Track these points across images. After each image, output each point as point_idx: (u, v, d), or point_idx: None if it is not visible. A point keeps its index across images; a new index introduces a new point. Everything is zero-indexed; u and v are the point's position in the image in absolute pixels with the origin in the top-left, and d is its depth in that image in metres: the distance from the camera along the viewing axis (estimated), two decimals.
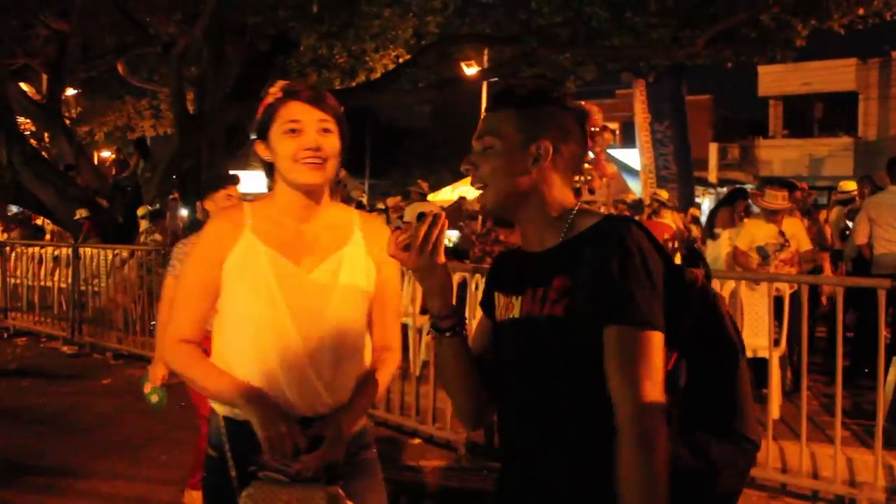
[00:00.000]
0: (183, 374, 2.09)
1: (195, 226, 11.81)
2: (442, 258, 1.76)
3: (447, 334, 1.81)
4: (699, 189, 27.71)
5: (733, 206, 9.59)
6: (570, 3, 14.18)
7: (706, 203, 30.40)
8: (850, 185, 10.36)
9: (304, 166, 2.01)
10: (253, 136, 2.13)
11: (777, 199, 6.95)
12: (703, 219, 14.07)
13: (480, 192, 1.79)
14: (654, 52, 14.43)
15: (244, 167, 25.72)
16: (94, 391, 7.62)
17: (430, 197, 14.06)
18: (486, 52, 18.17)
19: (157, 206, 12.72)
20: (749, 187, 15.92)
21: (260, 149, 2.10)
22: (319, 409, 2.05)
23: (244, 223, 2.07)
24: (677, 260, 7.79)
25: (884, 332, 4.72)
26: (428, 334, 1.93)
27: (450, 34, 16.09)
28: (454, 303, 1.83)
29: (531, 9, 14.68)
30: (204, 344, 2.11)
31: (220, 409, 2.09)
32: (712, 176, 31.41)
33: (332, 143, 2.05)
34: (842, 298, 4.76)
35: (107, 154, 21.95)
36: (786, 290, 5.81)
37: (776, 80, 30.14)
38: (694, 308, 1.65)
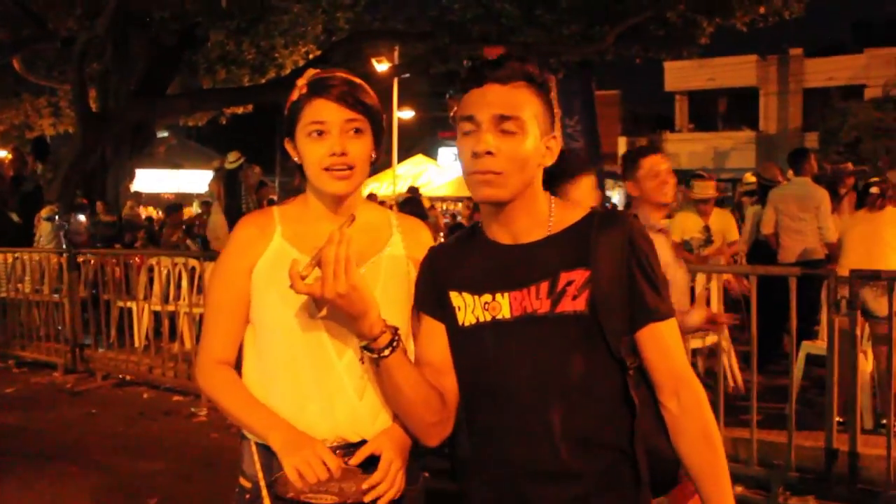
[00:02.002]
0: (213, 400, 1.92)
1: (98, 228, 11.43)
2: (356, 277, 1.61)
3: (387, 352, 1.65)
4: (609, 182, 28.24)
5: None
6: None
7: (616, 196, 31.08)
8: (751, 178, 10.71)
9: (329, 174, 1.81)
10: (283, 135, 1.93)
11: (708, 189, 7.09)
12: None
13: (486, 180, 1.61)
14: (565, 48, 14.64)
15: (150, 166, 25.12)
16: None
17: None
18: (397, 48, 18.14)
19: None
20: None
21: (288, 148, 1.91)
22: (363, 431, 1.83)
23: (273, 227, 1.90)
24: None
25: (794, 319, 4.85)
26: (361, 361, 1.76)
27: (361, 30, 16.00)
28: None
29: (442, 4, 14.75)
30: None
31: (251, 435, 1.88)
32: (622, 169, 32.10)
33: (362, 147, 1.84)
34: (755, 287, 4.88)
35: (2, 154, 21.05)
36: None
37: (682, 75, 31.01)
38: None
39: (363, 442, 1.83)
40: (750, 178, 10.84)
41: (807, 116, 30.71)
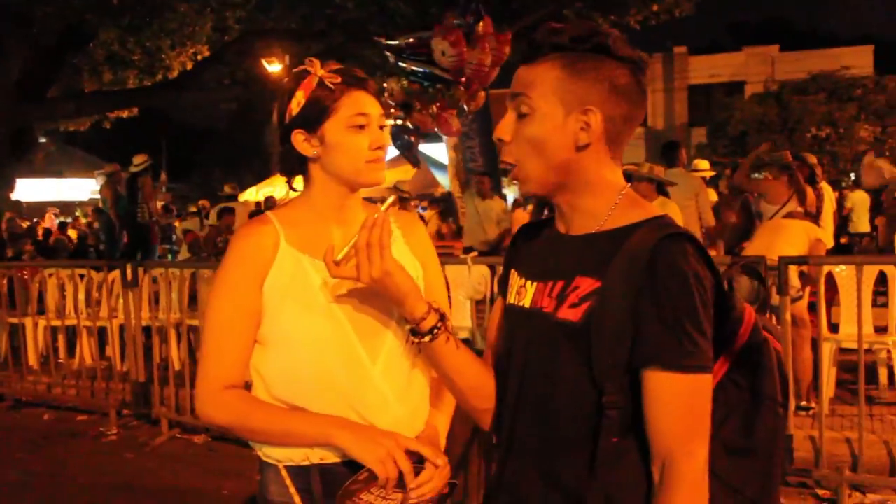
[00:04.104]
0: (239, 427, 1.73)
1: None
2: (390, 261, 1.53)
3: (427, 338, 1.54)
4: (504, 180, 28.49)
5: None
6: None
7: (511, 193, 31.38)
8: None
9: (371, 165, 1.76)
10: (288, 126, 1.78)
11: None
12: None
13: (513, 169, 1.47)
14: None
15: (29, 174, 23.87)
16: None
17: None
18: (290, 48, 17.76)
19: None
20: None
21: (298, 140, 1.76)
22: (405, 435, 1.74)
23: (276, 234, 1.76)
24: None
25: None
26: (408, 342, 1.69)
27: (254, 29, 15.58)
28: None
29: (336, 3, 14.50)
30: None
31: (280, 458, 1.74)
32: None
33: (387, 141, 1.83)
34: None
35: None
36: None
37: None
38: (735, 346, 1.43)
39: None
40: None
41: (692, 112, 31.90)
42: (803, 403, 5.39)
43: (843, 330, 5.55)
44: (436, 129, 9.33)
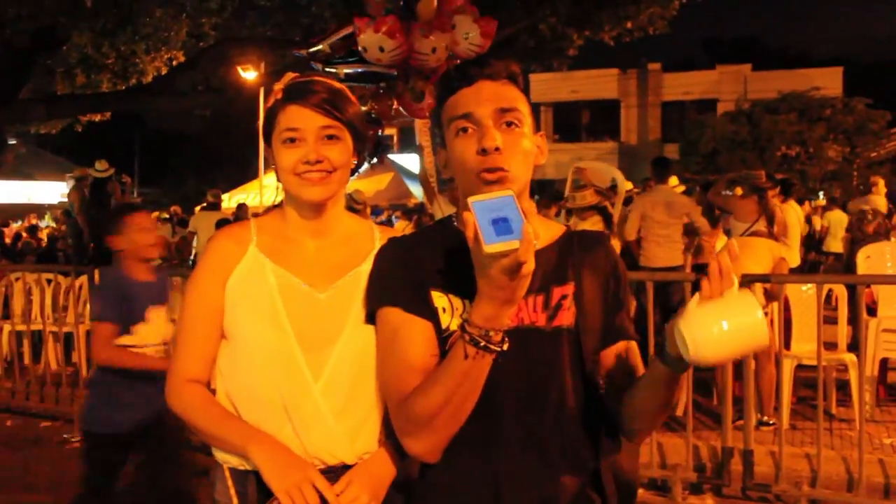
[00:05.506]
0: (188, 421, 1.79)
1: None
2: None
3: (503, 347, 1.42)
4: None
5: None
6: (351, 8, 14.13)
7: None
8: (628, 185, 11.01)
9: (304, 180, 1.75)
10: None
11: (586, 197, 7.27)
12: None
13: (497, 178, 1.50)
14: None
15: (2, 176, 23.57)
16: None
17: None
18: (265, 56, 17.73)
19: None
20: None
21: (269, 154, 1.84)
22: (340, 455, 1.74)
23: (249, 239, 1.82)
24: None
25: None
26: (465, 357, 1.41)
27: (229, 36, 15.53)
28: None
29: (313, 13, 14.50)
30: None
31: (224, 460, 1.79)
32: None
33: (339, 153, 1.76)
34: (651, 293, 4.99)
35: None
36: None
37: (547, 87, 31.87)
38: None
39: (343, 465, 1.75)
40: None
41: (665, 128, 32.26)
42: (765, 419, 5.46)
43: (794, 347, 5.62)
44: (401, 110, 8.63)
